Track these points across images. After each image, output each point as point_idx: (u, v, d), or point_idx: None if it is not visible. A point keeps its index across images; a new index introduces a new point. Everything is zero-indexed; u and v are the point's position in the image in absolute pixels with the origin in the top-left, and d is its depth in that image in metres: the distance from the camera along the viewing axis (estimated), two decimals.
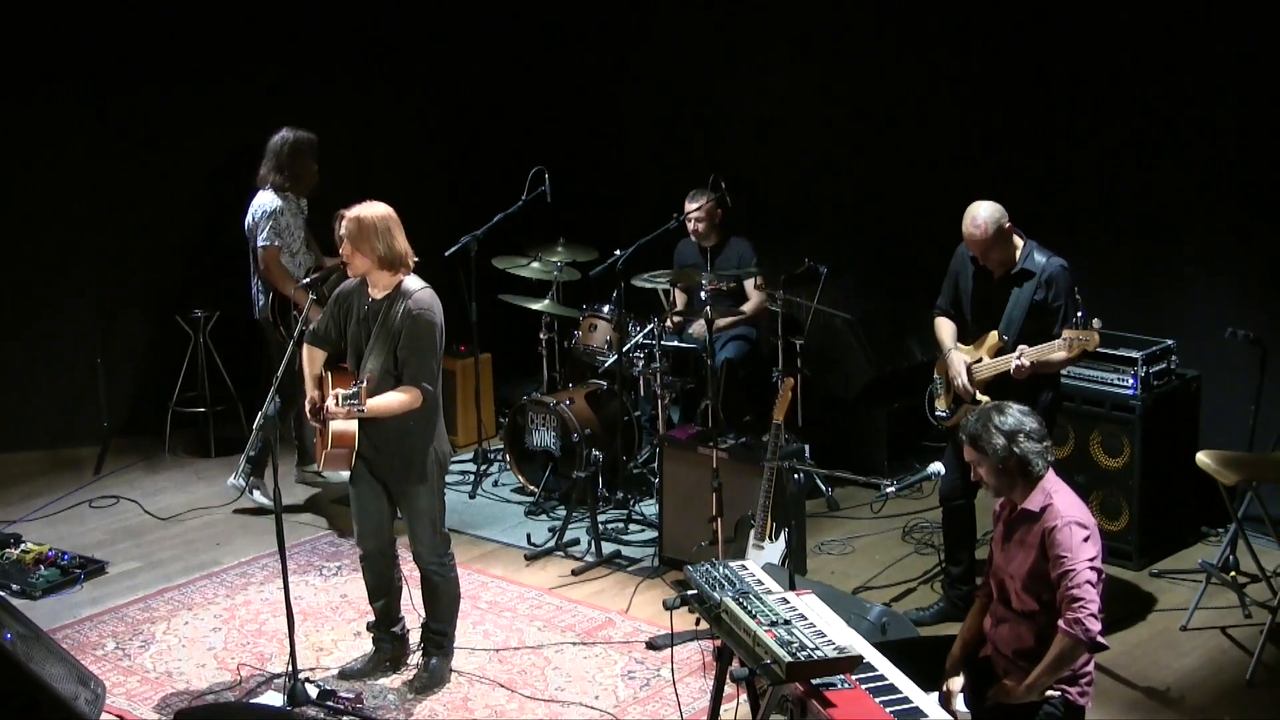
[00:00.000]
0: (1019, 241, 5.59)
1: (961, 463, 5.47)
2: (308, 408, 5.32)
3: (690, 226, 7.32)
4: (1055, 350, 5.39)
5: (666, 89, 8.57)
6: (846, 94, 7.86)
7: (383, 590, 5.55)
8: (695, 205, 7.23)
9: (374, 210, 5.22)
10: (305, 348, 5.41)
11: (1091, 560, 4.18)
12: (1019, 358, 5.43)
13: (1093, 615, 4.12)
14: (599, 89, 8.77)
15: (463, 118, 8.83)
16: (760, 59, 8.13)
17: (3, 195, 7.68)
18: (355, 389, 5.01)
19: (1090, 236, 6.94)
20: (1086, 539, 4.20)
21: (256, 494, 7.06)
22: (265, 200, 6.84)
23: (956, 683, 4.43)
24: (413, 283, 5.25)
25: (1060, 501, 4.27)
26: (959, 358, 5.74)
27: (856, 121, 7.85)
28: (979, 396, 5.62)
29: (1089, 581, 4.15)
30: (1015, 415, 4.34)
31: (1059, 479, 4.37)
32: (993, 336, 5.62)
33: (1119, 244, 6.98)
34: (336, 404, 5.03)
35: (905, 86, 7.62)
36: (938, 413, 5.90)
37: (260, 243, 6.80)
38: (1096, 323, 5.32)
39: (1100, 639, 4.16)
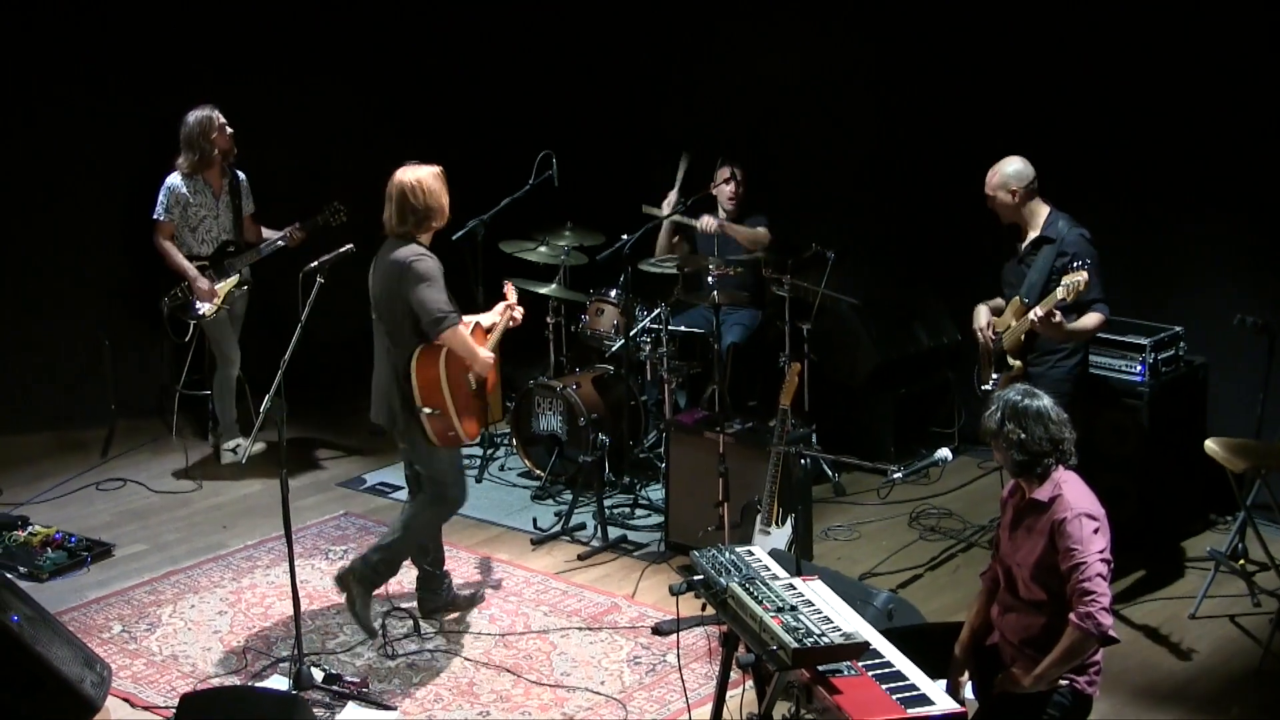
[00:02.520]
0: (1042, 210, 5.71)
1: None
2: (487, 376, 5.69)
3: (728, 190, 7.34)
4: (1057, 298, 5.42)
5: (675, 73, 8.55)
6: (855, 79, 7.84)
7: None
8: (729, 169, 7.34)
9: None
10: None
11: (1101, 552, 4.16)
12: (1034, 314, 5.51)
13: (1104, 609, 4.11)
14: (607, 72, 8.74)
15: (471, 101, 8.82)
16: (769, 44, 8.10)
17: (11, 178, 7.66)
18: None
19: (1099, 222, 6.87)
20: (1096, 530, 4.18)
21: (239, 447, 7.42)
22: (168, 179, 7.16)
23: (965, 675, 4.42)
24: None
25: (1070, 492, 4.25)
26: (982, 309, 5.89)
27: (865, 107, 7.83)
28: (1011, 361, 5.71)
29: (1100, 575, 4.13)
30: (1039, 406, 4.28)
31: (1069, 469, 4.34)
32: (1016, 301, 5.68)
33: (1128, 230, 6.95)
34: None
35: (914, 72, 7.60)
36: (983, 387, 5.91)
37: (152, 216, 7.21)
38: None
39: (1111, 632, 4.14)
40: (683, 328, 7.22)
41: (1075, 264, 5.44)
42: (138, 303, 7.92)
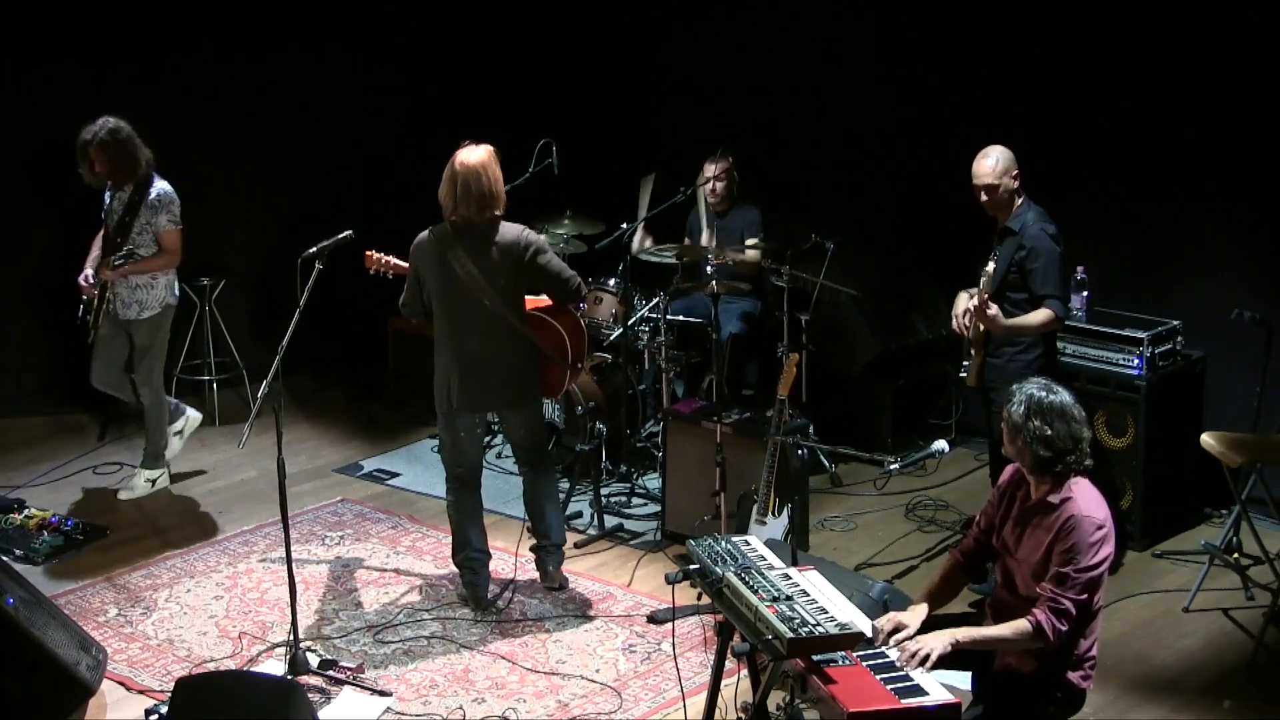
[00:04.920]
0: (1018, 201, 5.71)
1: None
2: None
3: (709, 187, 7.32)
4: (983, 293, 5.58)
5: (674, 62, 8.53)
6: (856, 69, 7.83)
7: None
8: (715, 167, 7.30)
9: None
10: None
11: (1101, 562, 4.12)
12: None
13: (1069, 629, 4.10)
14: (607, 61, 8.73)
15: (470, 87, 8.80)
16: (768, 33, 8.09)
17: (9, 163, 7.65)
18: None
19: (1097, 216, 6.92)
20: (1101, 539, 4.12)
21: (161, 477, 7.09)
22: None
23: (906, 617, 4.29)
24: None
25: (1080, 495, 4.18)
26: (963, 296, 5.87)
27: (864, 97, 7.82)
28: (973, 352, 5.75)
29: (1086, 595, 4.10)
30: (1062, 401, 4.20)
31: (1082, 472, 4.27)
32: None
33: (1126, 224, 6.95)
34: None
35: (912, 61, 7.59)
36: (960, 374, 5.94)
37: None
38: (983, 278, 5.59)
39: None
40: (681, 317, 7.22)
41: (993, 256, 5.56)
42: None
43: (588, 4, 8.68)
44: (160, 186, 6.68)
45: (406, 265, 5.74)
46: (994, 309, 5.57)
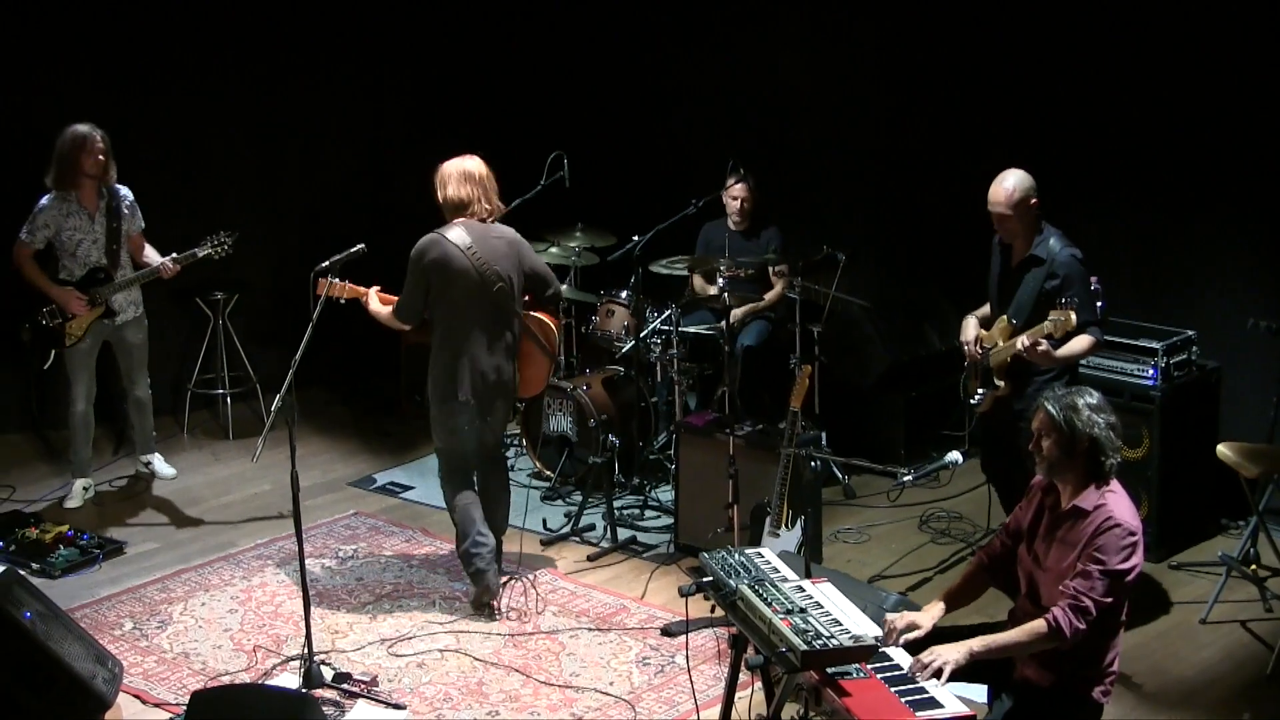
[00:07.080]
0: (1040, 228, 5.55)
1: (992, 441, 5.73)
2: None
3: (735, 205, 7.31)
4: (1045, 331, 5.32)
5: (685, 74, 8.55)
6: (865, 80, 7.84)
7: None
8: (739, 187, 7.26)
9: (447, 163, 5.82)
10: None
11: (1130, 570, 4.10)
12: (1023, 343, 5.39)
13: (1086, 630, 4.07)
14: (618, 73, 8.75)
15: (481, 101, 8.83)
16: (779, 44, 8.10)
17: (25, 177, 7.67)
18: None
19: (1112, 226, 6.90)
20: (1132, 546, 4.11)
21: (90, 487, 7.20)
22: (41, 199, 6.73)
23: (921, 617, 4.29)
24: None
25: (1114, 502, 4.16)
26: (971, 321, 5.80)
27: (876, 108, 7.83)
28: (997, 381, 5.62)
29: (1110, 599, 4.08)
30: (1099, 402, 4.20)
31: (1116, 480, 4.26)
32: (1003, 320, 5.60)
33: (1140, 234, 6.94)
34: None
35: (924, 73, 7.59)
36: (970, 401, 5.87)
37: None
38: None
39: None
40: (693, 329, 7.22)
41: (1066, 300, 5.26)
42: (150, 301, 7.96)
43: (599, 18, 8.71)
44: (126, 189, 6.86)
45: (363, 290, 5.90)
46: (1044, 345, 5.33)
